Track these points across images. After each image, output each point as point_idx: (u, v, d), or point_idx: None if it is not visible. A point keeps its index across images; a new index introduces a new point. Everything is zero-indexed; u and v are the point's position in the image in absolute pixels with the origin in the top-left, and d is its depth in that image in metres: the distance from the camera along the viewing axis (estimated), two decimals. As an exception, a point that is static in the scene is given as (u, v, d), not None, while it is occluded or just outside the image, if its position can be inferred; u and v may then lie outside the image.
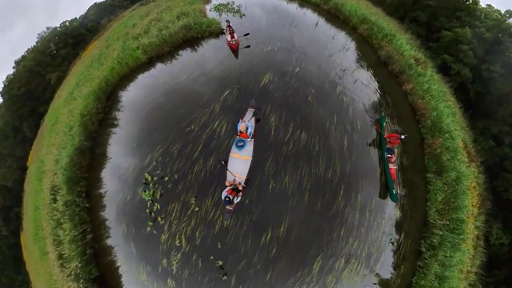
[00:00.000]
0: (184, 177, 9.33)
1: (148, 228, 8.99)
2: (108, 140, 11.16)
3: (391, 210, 9.19)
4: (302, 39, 13.05)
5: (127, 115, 11.71)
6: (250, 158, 8.86)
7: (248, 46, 12.23)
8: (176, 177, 9.41)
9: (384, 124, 10.20)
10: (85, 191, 10.14)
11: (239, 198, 8.25)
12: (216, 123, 10.07)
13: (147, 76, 12.85)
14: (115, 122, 11.72)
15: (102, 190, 10.07)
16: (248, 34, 11.93)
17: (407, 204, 9.34)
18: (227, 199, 8.01)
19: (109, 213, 9.64)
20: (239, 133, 9.02)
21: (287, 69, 11.54)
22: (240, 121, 9.15)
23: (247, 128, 8.87)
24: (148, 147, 10.17)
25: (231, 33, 12.12)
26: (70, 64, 24.79)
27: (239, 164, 8.81)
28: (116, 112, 12.11)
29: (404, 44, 13.74)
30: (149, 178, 9.60)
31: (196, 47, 13.43)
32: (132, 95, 12.43)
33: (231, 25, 12.51)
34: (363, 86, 11.46)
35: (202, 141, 9.78)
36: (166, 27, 14.38)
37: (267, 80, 11.06)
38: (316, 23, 14.43)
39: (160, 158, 9.76)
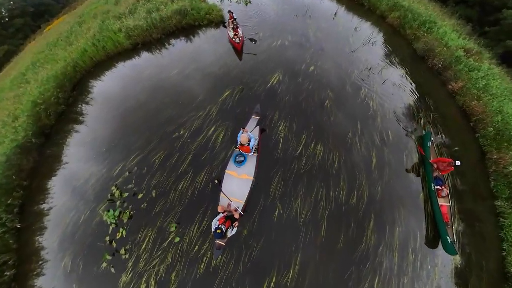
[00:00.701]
0: (164, 195, 7.38)
1: (104, 264, 6.81)
2: (66, 139, 9.02)
3: (446, 254, 6.73)
4: (318, 32, 11.70)
5: (97, 111, 9.67)
6: (251, 178, 7.04)
7: (254, 41, 10.64)
8: (153, 194, 7.43)
9: (429, 144, 7.93)
10: (19, 205, 7.73)
11: (234, 230, 6.37)
12: (211, 130, 8.30)
13: (128, 65, 11.13)
14: (80, 118, 9.63)
15: (45, 206, 7.83)
16: (255, 41, 10.58)
17: (471, 246, 6.93)
18: (218, 231, 6.12)
19: (49, 239, 7.24)
20: (239, 145, 7.21)
21: (300, 68, 10.12)
22: (241, 131, 7.35)
23: (249, 140, 7.08)
24: (121, 153, 8.17)
25: (235, 28, 10.68)
26: (26, 38, 21.43)
27: (236, 185, 6.97)
28: (83, 105, 10.05)
29: (448, 33, 11.63)
30: (117, 194, 7.56)
31: (192, 37, 11.91)
32: (107, 86, 10.50)
33: (234, 16, 11.24)
34: (395, 88, 9.85)
35: (192, 151, 7.90)
36: (157, 9, 12.69)
37: (275, 81, 9.54)
38: (335, 13, 13.02)
39: (136, 168, 7.78)
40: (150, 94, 9.59)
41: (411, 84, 10.19)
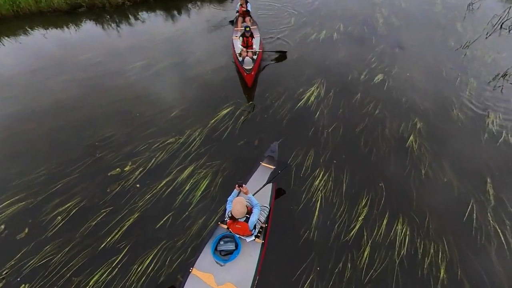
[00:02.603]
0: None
1: None
2: None
3: None
4: (393, 17, 9.43)
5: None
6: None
7: (284, 53, 8.02)
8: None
9: None
10: None
11: None
12: (186, 172, 5.06)
13: (54, 38, 8.85)
14: None
15: None
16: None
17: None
18: None
19: None
20: (228, 219, 3.71)
21: (357, 77, 7.37)
22: (236, 190, 3.89)
23: (249, 211, 3.64)
24: None
25: (248, 37, 7.40)
26: None
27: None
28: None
29: None
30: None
31: (176, 13, 10.00)
32: None
33: (249, 8, 8.89)
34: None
35: (138, 209, 4.52)
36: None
37: (312, 98, 6.74)
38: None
39: (7, 232, 4.53)
40: (79, 94, 6.92)
41: None
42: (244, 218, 3.55)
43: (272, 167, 4.74)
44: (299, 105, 6.49)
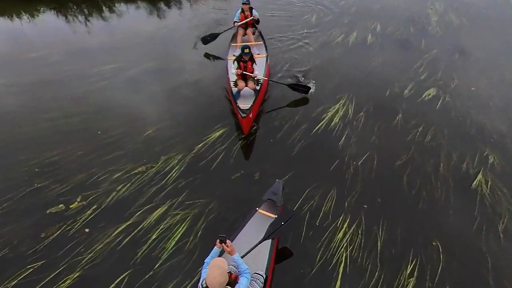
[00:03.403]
0: None
1: None
2: None
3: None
4: (452, 14, 10.13)
5: None
6: None
7: (306, 90, 7.45)
8: None
9: None
10: None
11: None
12: (157, 213, 4.98)
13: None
14: None
15: None
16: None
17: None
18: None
19: None
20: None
21: (399, 92, 7.60)
22: (215, 249, 3.70)
23: (232, 280, 3.40)
24: None
25: (246, 61, 7.03)
26: None
27: None
28: None
29: None
30: None
31: (164, 6, 10.73)
32: None
33: (254, 13, 8.77)
34: None
35: (81, 267, 4.35)
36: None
37: (336, 119, 6.85)
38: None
39: None
40: (20, 103, 7.25)
41: None
42: None
43: (273, 216, 4.57)
44: (318, 127, 6.55)
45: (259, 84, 7.08)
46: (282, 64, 8.42)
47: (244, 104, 6.61)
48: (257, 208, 4.63)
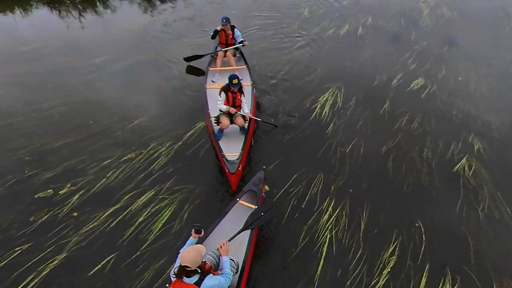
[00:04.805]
0: None
1: None
2: None
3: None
4: (444, 6, 10.36)
5: None
6: None
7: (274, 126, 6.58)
8: None
9: None
10: None
11: None
12: (140, 201, 5.04)
13: None
14: None
15: None
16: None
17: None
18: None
19: None
20: (173, 276, 3.44)
21: (387, 83, 7.75)
22: (191, 239, 3.71)
23: (206, 269, 3.37)
24: None
25: (235, 92, 5.79)
26: None
27: None
28: None
29: None
30: None
31: None
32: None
33: (237, 35, 7.60)
34: None
35: (67, 251, 4.39)
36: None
37: (326, 107, 7.03)
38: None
39: None
40: (12, 94, 7.30)
41: None
42: (196, 278, 3.22)
43: (254, 206, 4.58)
44: (307, 116, 6.67)
45: (247, 121, 5.96)
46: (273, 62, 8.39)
47: (231, 150, 5.43)
48: (238, 199, 4.65)
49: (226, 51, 7.47)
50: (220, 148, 5.42)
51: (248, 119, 5.88)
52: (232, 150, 5.40)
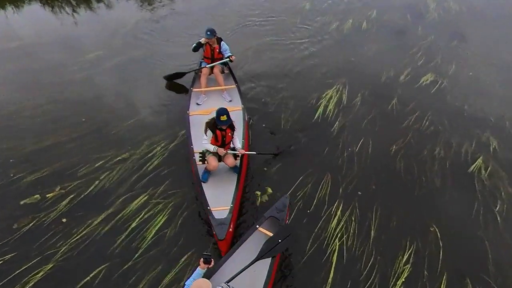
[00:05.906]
0: None
1: None
2: None
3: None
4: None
5: None
6: None
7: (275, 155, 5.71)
8: None
9: None
10: None
11: None
12: (133, 206, 4.82)
13: None
14: None
15: None
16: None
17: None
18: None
19: None
20: None
21: (395, 79, 7.55)
22: (199, 269, 3.36)
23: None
24: None
25: (225, 129, 4.67)
26: None
27: None
28: None
29: None
30: None
31: None
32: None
33: (226, 52, 6.52)
34: None
35: (55, 261, 4.14)
36: None
37: (330, 106, 6.79)
38: None
39: None
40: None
41: None
42: None
43: (270, 233, 4.11)
44: (312, 114, 6.46)
45: (238, 157, 5.00)
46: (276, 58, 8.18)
47: (219, 202, 4.42)
48: (258, 226, 4.19)
49: (212, 67, 6.51)
50: (205, 199, 4.41)
51: (238, 158, 4.97)
52: (221, 201, 4.44)
